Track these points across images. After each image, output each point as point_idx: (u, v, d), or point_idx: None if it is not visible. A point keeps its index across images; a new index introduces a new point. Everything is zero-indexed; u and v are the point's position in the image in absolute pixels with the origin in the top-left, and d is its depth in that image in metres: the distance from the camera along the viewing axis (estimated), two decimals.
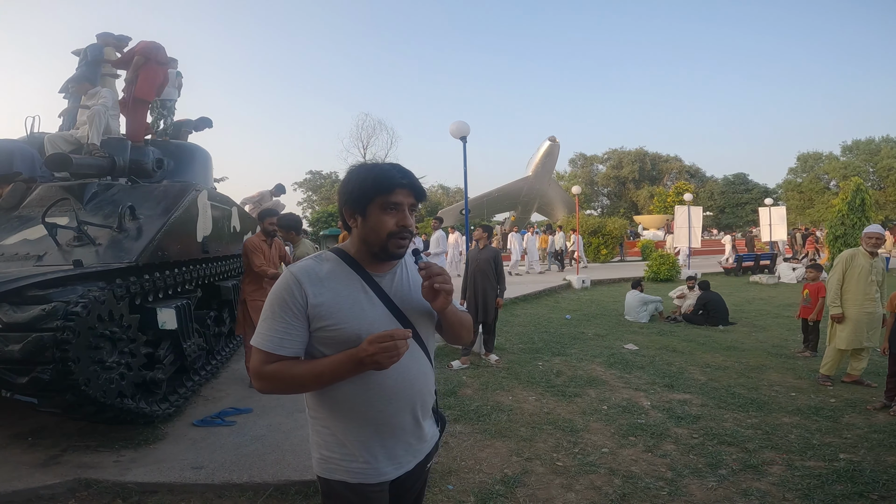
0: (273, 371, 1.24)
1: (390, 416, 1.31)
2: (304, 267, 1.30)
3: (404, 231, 1.29)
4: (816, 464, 3.27)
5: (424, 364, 1.38)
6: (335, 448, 1.32)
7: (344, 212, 1.34)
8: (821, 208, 39.11)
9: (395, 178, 1.27)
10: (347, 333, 1.25)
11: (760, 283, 14.05)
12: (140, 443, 3.48)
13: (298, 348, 1.27)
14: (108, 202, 3.98)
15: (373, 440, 1.31)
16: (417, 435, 1.38)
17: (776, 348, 6.49)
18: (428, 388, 1.40)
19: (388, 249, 1.29)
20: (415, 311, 1.36)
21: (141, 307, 3.67)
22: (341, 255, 1.35)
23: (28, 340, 2.65)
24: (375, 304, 1.30)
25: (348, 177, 1.33)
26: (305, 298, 1.24)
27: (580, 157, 57.75)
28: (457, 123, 8.07)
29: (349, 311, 1.26)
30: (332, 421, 1.32)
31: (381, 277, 1.34)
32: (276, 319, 1.25)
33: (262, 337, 1.26)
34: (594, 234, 21.37)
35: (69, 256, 3.29)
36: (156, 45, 5.25)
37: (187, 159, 5.71)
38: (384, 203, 1.27)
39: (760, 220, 19.72)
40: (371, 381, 1.27)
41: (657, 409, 4.29)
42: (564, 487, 3.01)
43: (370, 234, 1.29)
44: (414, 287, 1.37)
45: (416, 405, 1.35)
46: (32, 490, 2.89)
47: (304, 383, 1.26)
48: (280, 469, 3.10)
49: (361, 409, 1.30)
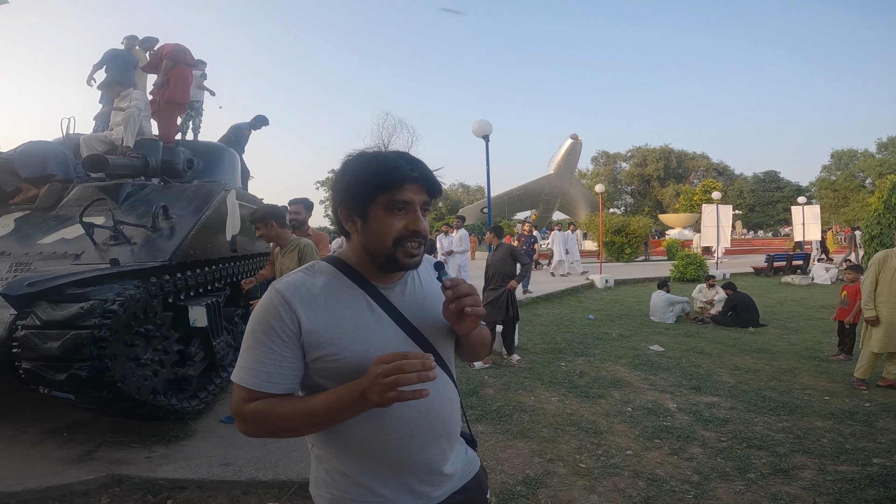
0: (255, 411, 1.00)
1: (413, 453, 1.08)
2: (292, 282, 1.05)
3: (415, 236, 1.05)
4: (849, 468, 3.19)
5: (449, 389, 1.15)
6: (347, 489, 1.08)
7: (340, 213, 1.08)
8: (856, 207, 37.93)
9: (403, 171, 1.03)
10: (353, 363, 1.00)
11: (793, 284, 13.69)
12: (171, 439, 3.57)
13: (292, 384, 1.03)
14: (142, 202, 4.10)
15: (392, 479, 1.08)
16: (444, 469, 1.14)
17: (809, 351, 6.32)
18: (455, 416, 1.17)
19: (396, 259, 1.05)
20: (433, 328, 1.12)
21: (173, 305, 3.77)
22: (339, 266, 1.10)
23: (66, 338, 2.73)
24: (385, 325, 1.06)
25: (343, 169, 1.08)
26: (298, 324, 1.00)
27: (603, 155, 57.09)
28: (479, 122, 8.08)
29: (353, 336, 1.02)
30: (341, 462, 1.08)
31: (389, 290, 1.10)
32: (262, 349, 1.00)
33: (245, 371, 1.01)
34: (617, 233, 21.11)
35: (106, 255, 3.39)
36: (182, 48, 5.39)
37: (216, 160, 5.84)
38: (390, 202, 1.03)
39: (793, 219, 19.20)
40: (389, 416, 1.03)
41: (683, 411, 4.23)
42: (587, 489, 2.99)
43: (373, 241, 1.05)
44: (430, 298, 1.14)
45: (441, 439, 1.12)
46: (66, 486, 2.96)
47: (294, 426, 1.01)
48: (304, 467, 3.14)
49: (377, 449, 1.06)
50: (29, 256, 3.55)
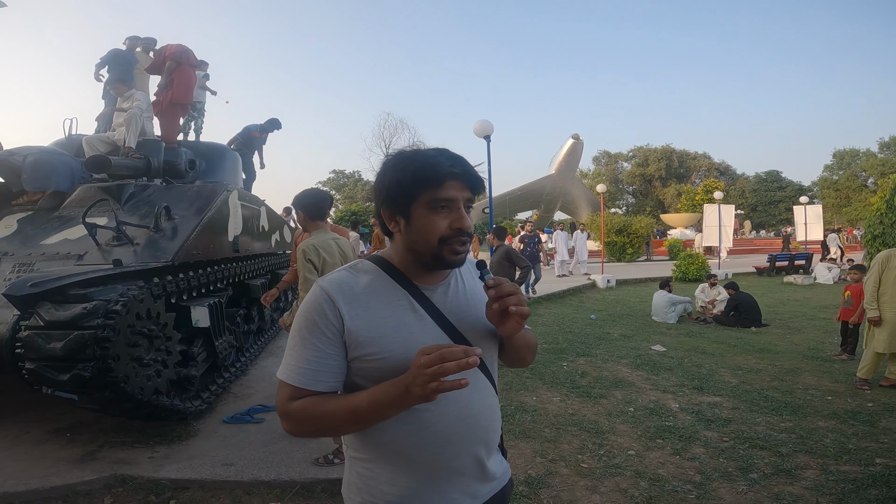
0: (300, 409, 1.01)
1: (449, 460, 1.05)
2: (336, 280, 1.06)
3: (461, 234, 1.03)
4: (852, 468, 3.18)
5: (489, 395, 1.12)
6: (378, 495, 1.07)
7: (382, 213, 1.08)
8: (858, 206, 37.88)
9: (444, 167, 1.02)
10: (393, 363, 0.99)
11: (795, 284, 13.66)
12: (174, 439, 3.57)
13: (335, 382, 1.03)
14: (145, 202, 4.11)
15: (426, 487, 1.06)
16: (481, 477, 1.11)
17: (812, 351, 6.31)
18: (494, 423, 1.14)
19: (442, 258, 1.04)
20: (476, 330, 1.10)
21: (176, 305, 3.78)
22: (382, 265, 1.10)
23: (70, 338, 2.73)
24: (427, 325, 1.05)
25: (384, 169, 1.07)
26: (341, 320, 1.01)
27: (604, 155, 57.04)
28: (480, 122, 8.09)
29: (394, 336, 1.02)
30: (375, 465, 1.08)
31: (431, 290, 1.09)
32: (307, 346, 1.02)
33: (291, 369, 1.02)
34: (619, 233, 21.10)
35: (109, 256, 3.40)
36: (185, 49, 5.40)
37: (218, 160, 5.86)
38: (432, 200, 1.01)
39: (795, 218, 19.17)
40: (426, 419, 1.02)
41: (686, 411, 4.23)
42: (589, 489, 2.99)
43: (417, 240, 1.04)
44: (472, 300, 1.12)
45: (479, 446, 1.09)
46: (69, 486, 2.96)
47: (338, 424, 1.03)
48: (306, 467, 3.15)
49: (413, 453, 1.04)
50: (32, 257, 3.56)
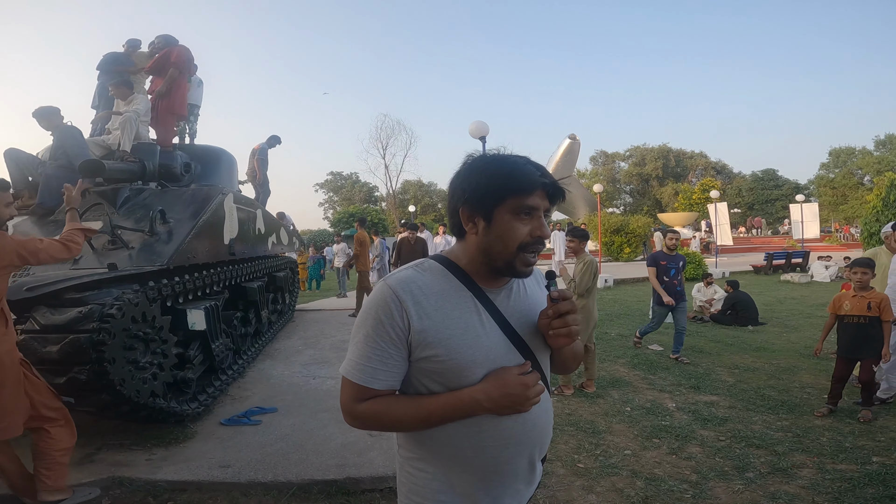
0: (369, 411, 1.05)
1: (504, 462, 1.08)
2: (404, 279, 1.05)
3: (539, 243, 1.06)
4: (848, 467, 3.19)
5: (545, 399, 1.12)
6: (429, 495, 1.09)
7: (461, 212, 1.08)
8: (854, 204, 37.99)
9: (534, 176, 1.03)
10: (458, 366, 1.02)
11: (792, 282, 13.71)
12: (171, 441, 3.58)
13: (395, 381, 1.06)
14: (140, 206, 4.11)
15: (477, 489, 1.08)
16: (528, 479, 1.15)
17: (808, 349, 6.31)
18: (549, 426, 1.17)
19: (514, 266, 1.05)
20: (534, 335, 1.12)
21: (172, 309, 3.78)
22: (448, 266, 1.10)
23: (66, 342, 2.75)
24: (490, 330, 1.06)
25: (470, 170, 1.08)
26: (408, 322, 1.01)
27: (601, 155, 57.15)
28: (476, 123, 8.10)
29: (461, 339, 1.02)
30: (429, 463, 1.10)
31: (495, 294, 1.10)
32: (371, 345, 1.03)
33: (354, 366, 1.05)
34: (617, 232, 21.15)
35: (104, 260, 3.40)
36: (189, 57, 5.45)
37: (213, 163, 5.85)
38: (518, 206, 1.02)
39: (792, 216, 19.24)
40: (485, 422, 1.04)
41: (682, 410, 4.23)
42: (585, 489, 2.99)
43: (496, 244, 1.04)
44: (533, 306, 1.14)
45: (534, 448, 1.12)
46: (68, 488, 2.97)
47: (406, 425, 1.07)
48: (304, 468, 3.15)
49: (469, 455, 1.06)
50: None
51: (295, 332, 7.66)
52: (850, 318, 4.00)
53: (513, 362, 1.07)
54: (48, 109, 4.57)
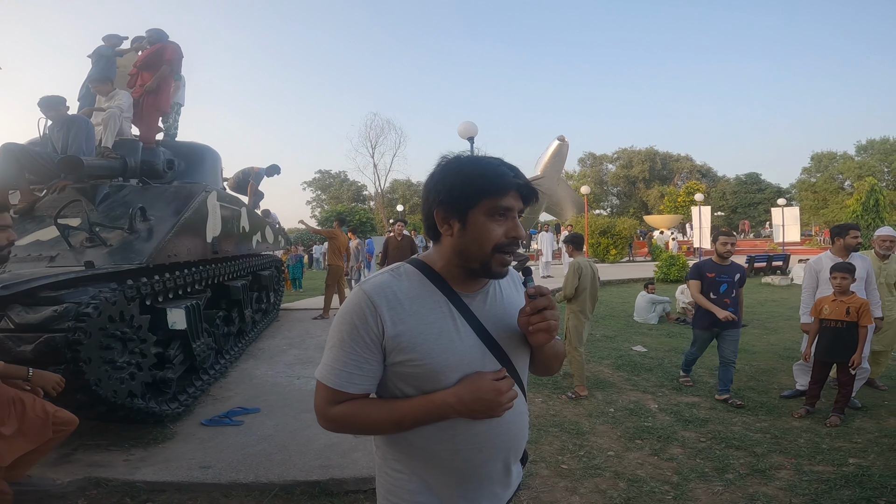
0: (342, 414, 1.05)
1: (479, 465, 1.09)
2: (379, 285, 1.06)
3: (514, 244, 1.07)
4: (825, 468, 3.24)
5: (520, 403, 1.13)
6: (406, 496, 1.11)
7: (436, 215, 1.08)
8: (835, 208, 38.69)
9: (508, 178, 1.04)
10: (432, 370, 1.03)
11: (773, 285, 13.90)
12: (150, 442, 3.53)
13: (370, 385, 1.06)
14: (120, 203, 4.04)
15: (453, 491, 1.10)
16: (504, 483, 1.16)
17: (787, 351, 6.41)
18: (524, 430, 1.18)
19: (490, 267, 1.06)
20: (511, 339, 1.12)
21: (151, 308, 3.72)
22: (423, 270, 1.10)
23: (40, 341, 2.70)
24: (465, 334, 1.07)
25: (444, 172, 1.08)
26: (382, 327, 1.02)
27: (590, 157, 57.59)
28: (465, 124, 8.11)
29: (435, 344, 1.03)
30: (406, 465, 1.12)
31: (470, 298, 1.10)
32: (346, 350, 1.04)
33: (329, 370, 1.05)
34: (603, 234, 21.29)
35: (81, 257, 3.34)
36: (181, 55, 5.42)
37: (197, 160, 5.78)
38: (493, 208, 1.03)
39: (773, 220, 19.54)
40: (459, 426, 1.06)
41: (665, 411, 4.27)
42: (569, 490, 3.00)
43: (471, 245, 1.05)
44: (509, 309, 1.14)
45: (509, 452, 1.14)
46: (44, 489, 2.92)
47: (379, 428, 1.08)
48: (286, 469, 3.12)
49: (444, 458, 1.08)
50: None
51: (280, 331, 7.59)
52: (828, 321, 4.06)
53: (488, 366, 1.07)
54: (55, 99, 4.49)
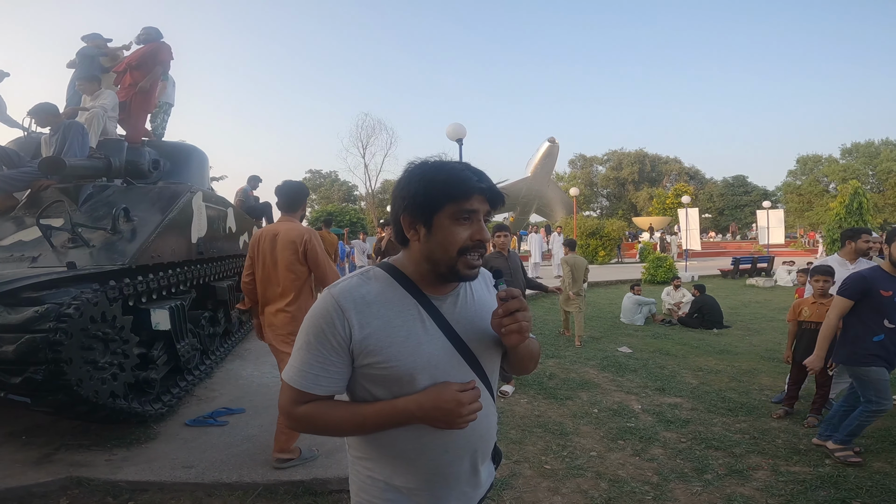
0: (307, 414, 1.06)
1: (446, 465, 1.11)
2: (348, 288, 1.07)
3: (480, 246, 1.07)
4: (802, 469, 3.30)
5: (488, 404, 1.15)
6: (377, 494, 1.13)
7: (403, 220, 1.09)
8: (819, 211, 39.23)
9: (471, 182, 1.05)
10: (400, 373, 1.04)
11: (757, 286, 14.09)
12: (132, 442, 3.51)
13: (336, 386, 1.08)
14: (103, 204, 4.00)
15: (422, 490, 1.12)
16: (473, 483, 1.18)
17: (769, 352, 6.52)
18: (491, 431, 1.20)
19: (456, 270, 1.06)
20: (481, 342, 1.13)
21: (135, 308, 3.70)
22: (393, 274, 1.11)
23: (21, 342, 2.67)
24: (434, 337, 1.08)
25: (409, 177, 1.09)
26: (349, 330, 1.03)
27: (580, 158, 57.93)
28: (453, 126, 8.13)
29: (403, 346, 1.05)
30: (376, 463, 1.13)
31: (441, 301, 1.12)
32: (312, 353, 1.05)
33: (296, 372, 1.06)
34: (592, 235, 21.41)
35: (63, 258, 3.31)
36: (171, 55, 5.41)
37: (183, 160, 5.73)
38: (457, 211, 1.04)
39: (758, 222, 19.77)
40: (423, 428, 1.07)
41: (648, 412, 4.33)
42: (551, 491, 3.04)
43: (437, 249, 1.06)
44: (480, 311, 1.15)
45: (476, 452, 1.15)
46: (25, 488, 2.92)
47: (342, 430, 1.09)
48: (270, 469, 3.12)
49: (412, 457, 1.10)
50: None
51: None
52: (808, 323, 4.14)
53: (457, 369, 1.09)
54: (47, 107, 4.48)
